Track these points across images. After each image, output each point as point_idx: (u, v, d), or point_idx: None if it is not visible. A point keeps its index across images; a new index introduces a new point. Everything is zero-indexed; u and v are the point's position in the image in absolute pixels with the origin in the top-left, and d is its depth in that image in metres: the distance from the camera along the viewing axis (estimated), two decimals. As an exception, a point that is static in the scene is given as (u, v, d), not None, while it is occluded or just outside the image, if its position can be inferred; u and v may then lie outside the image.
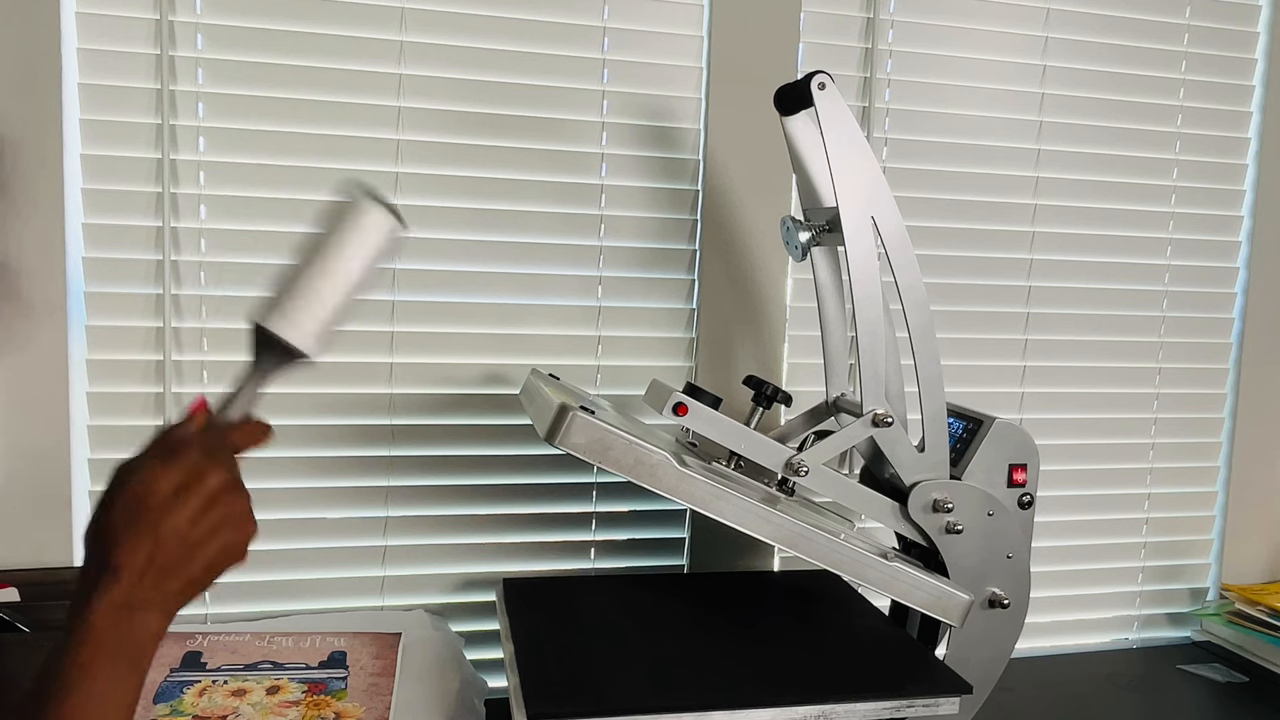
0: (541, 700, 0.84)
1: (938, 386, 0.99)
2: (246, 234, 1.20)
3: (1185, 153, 1.49)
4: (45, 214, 1.13)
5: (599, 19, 1.28)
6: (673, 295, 1.33)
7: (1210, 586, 1.56)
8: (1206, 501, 1.55)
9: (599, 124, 1.29)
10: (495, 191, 1.26)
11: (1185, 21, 1.48)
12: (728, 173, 1.32)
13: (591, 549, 1.33)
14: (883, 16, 1.35)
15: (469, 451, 1.28)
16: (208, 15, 1.17)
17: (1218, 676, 1.37)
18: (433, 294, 1.25)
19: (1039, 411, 1.46)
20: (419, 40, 1.23)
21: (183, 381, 1.19)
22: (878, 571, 0.93)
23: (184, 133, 1.17)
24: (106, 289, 1.16)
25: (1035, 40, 1.42)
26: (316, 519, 1.24)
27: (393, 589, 1.27)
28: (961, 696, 0.90)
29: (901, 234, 0.96)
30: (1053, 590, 1.48)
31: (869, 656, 0.97)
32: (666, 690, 0.87)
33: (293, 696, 1.02)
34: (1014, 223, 1.43)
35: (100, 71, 1.15)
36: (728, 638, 1.00)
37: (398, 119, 1.23)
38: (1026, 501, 1.04)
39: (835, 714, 0.87)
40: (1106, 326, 1.48)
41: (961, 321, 1.42)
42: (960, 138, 1.40)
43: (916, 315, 0.98)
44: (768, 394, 1.00)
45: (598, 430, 0.84)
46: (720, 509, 0.88)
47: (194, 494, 0.59)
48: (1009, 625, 1.03)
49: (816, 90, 0.93)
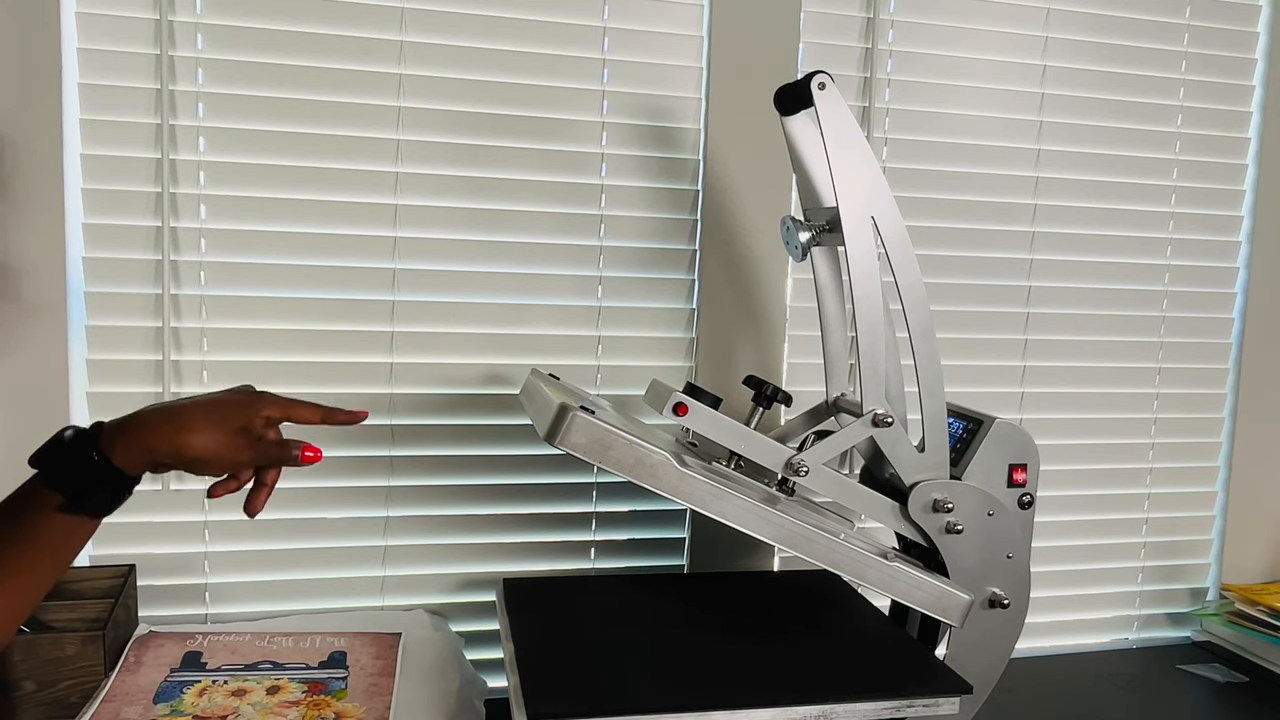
0: (541, 700, 0.84)
1: (938, 386, 0.99)
2: (246, 234, 1.20)
3: (1185, 153, 1.49)
4: (45, 214, 1.13)
5: (599, 19, 1.28)
6: (673, 295, 1.33)
7: (1210, 586, 1.56)
8: (1206, 501, 1.55)
9: (599, 124, 1.29)
10: (495, 191, 1.26)
11: (1185, 21, 1.48)
12: (728, 173, 1.32)
13: (591, 549, 1.33)
14: (883, 16, 1.35)
15: (469, 451, 1.28)
16: (208, 15, 1.17)
17: (1218, 676, 1.37)
18: (433, 294, 1.25)
19: (1039, 411, 1.46)
20: (419, 40, 1.23)
21: (182, 382, 1.19)
22: (878, 571, 0.93)
23: (184, 133, 1.17)
24: (106, 289, 1.16)
25: (1035, 40, 1.42)
26: (316, 519, 1.24)
27: (393, 589, 1.27)
28: (961, 696, 0.90)
29: (901, 234, 0.96)
30: (1053, 590, 1.48)
31: (869, 656, 0.97)
32: (666, 690, 0.87)
33: (293, 696, 1.02)
34: (1014, 223, 1.43)
35: (100, 71, 1.15)
36: (728, 638, 1.00)
37: (398, 119, 1.23)
38: (1026, 501, 1.04)
39: (835, 714, 0.87)
40: (1106, 326, 1.48)
41: (961, 321, 1.42)
42: (960, 138, 1.40)
43: (916, 315, 0.98)
44: (768, 394, 1.00)
45: (598, 430, 0.84)
46: (720, 509, 0.88)
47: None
48: (1009, 625, 1.03)
49: (816, 90, 0.93)
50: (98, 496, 0.63)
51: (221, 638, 1.12)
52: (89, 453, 0.63)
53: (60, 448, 0.64)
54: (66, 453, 0.63)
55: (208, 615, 1.22)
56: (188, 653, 1.08)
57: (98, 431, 0.65)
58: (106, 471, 0.63)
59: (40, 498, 0.62)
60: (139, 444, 0.64)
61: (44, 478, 0.63)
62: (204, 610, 1.22)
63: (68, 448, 0.64)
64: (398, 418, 1.25)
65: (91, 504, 0.63)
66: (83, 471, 0.63)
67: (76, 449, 0.64)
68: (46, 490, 0.62)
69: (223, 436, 0.66)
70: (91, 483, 0.63)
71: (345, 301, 1.23)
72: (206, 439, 0.65)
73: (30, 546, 0.61)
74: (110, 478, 0.63)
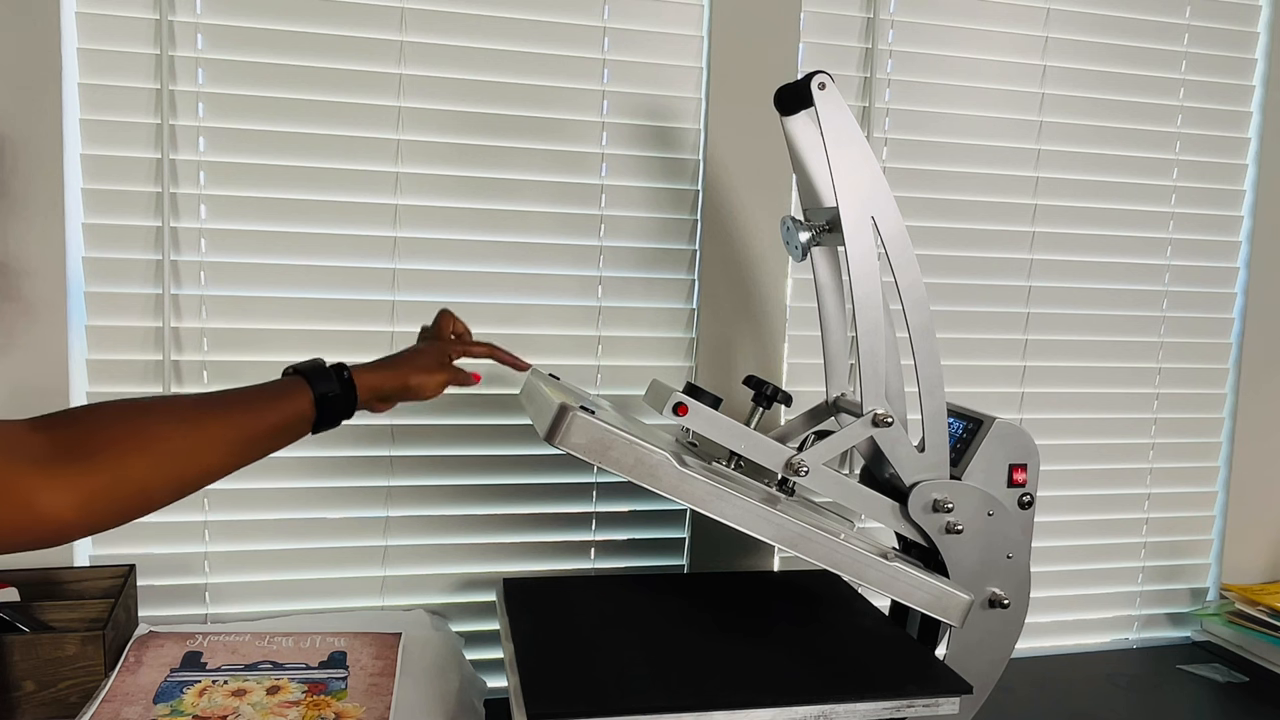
0: (541, 700, 0.84)
1: (938, 386, 0.99)
2: (246, 234, 1.20)
3: (1185, 153, 1.50)
4: (45, 214, 1.13)
5: (599, 19, 1.28)
6: (673, 295, 1.33)
7: (1210, 586, 1.56)
8: (1206, 501, 1.55)
9: (599, 124, 1.29)
10: (495, 191, 1.26)
11: (1185, 21, 1.48)
12: (728, 173, 1.32)
13: (591, 549, 1.33)
14: (883, 16, 1.35)
15: (469, 451, 1.28)
16: (208, 15, 1.17)
17: (1218, 676, 1.37)
18: (433, 294, 1.25)
19: (1039, 411, 1.46)
20: (419, 40, 1.23)
21: (182, 381, 1.19)
22: (878, 571, 0.93)
23: (184, 133, 1.17)
24: (106, 289, 1.16)
25: (1035, 40, 1.42)
26: (317, 519, 1.24)
27: (393, 589, 1.27)
28: (961, 696, 0.90)
29: (901, 234, 0.96)
30: (1053, 590, 1.48)
31: (869, 656, 0.97)
32: (666, 690, 0.87)
33: (293, 696, 1.02)
34: (1014, 223, 1.43)
35: (100, 71, 1.15)
36: (728, 638, 1.00)
37: (398, 119, 1.23)
38: (1026, 501, 1.04)
39: (835, 714, 0.87)
40: (1106, 327, 1.48)
41: (961, 321, 1.42)
42: (960, 138, 1.40)
43: (916, 315, 0.98)
44: (768, 394, 1.00)
45: (598, 430, 0.84)
46: (720, 509, 0.88)
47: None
48: (1009, 625, 1.03)
49: (816, 90, 0.93)
50: (336, 406, 0.80)
51: (221, 638, 1.12)
52: (342, 372, 0.82)
53: (320, 365, 0.82)
54: (326, 368, 0.81)
55: (208, 615, 1.22)
56: (188, 653, 1.08)
57: (342, 365, 0.84)
58: (350, 391, 0.82)
59: (293, 391, 0.78)
60: (372, 381, 0.85)
61: (307, 379, 0.79)
62: (204, 610, 1.22)
63: (327, 367, 0.82)
64: (398, 418, 1.25)
65: (329, 410, 0.80)
66: (335, 383, 0.81)
67: (335, 369, 0.82)
68: (301, 389, 0.78)
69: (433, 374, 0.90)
70: (339, 395, 0.80)
71: (345, 301, 1.23)
72: (420, 376, 0.89)
73: (268, 427, 0.75)
74: (349, 395, 0.82)
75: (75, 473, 0.61)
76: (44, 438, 0.63)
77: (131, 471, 0.64)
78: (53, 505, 0.59)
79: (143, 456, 0.65)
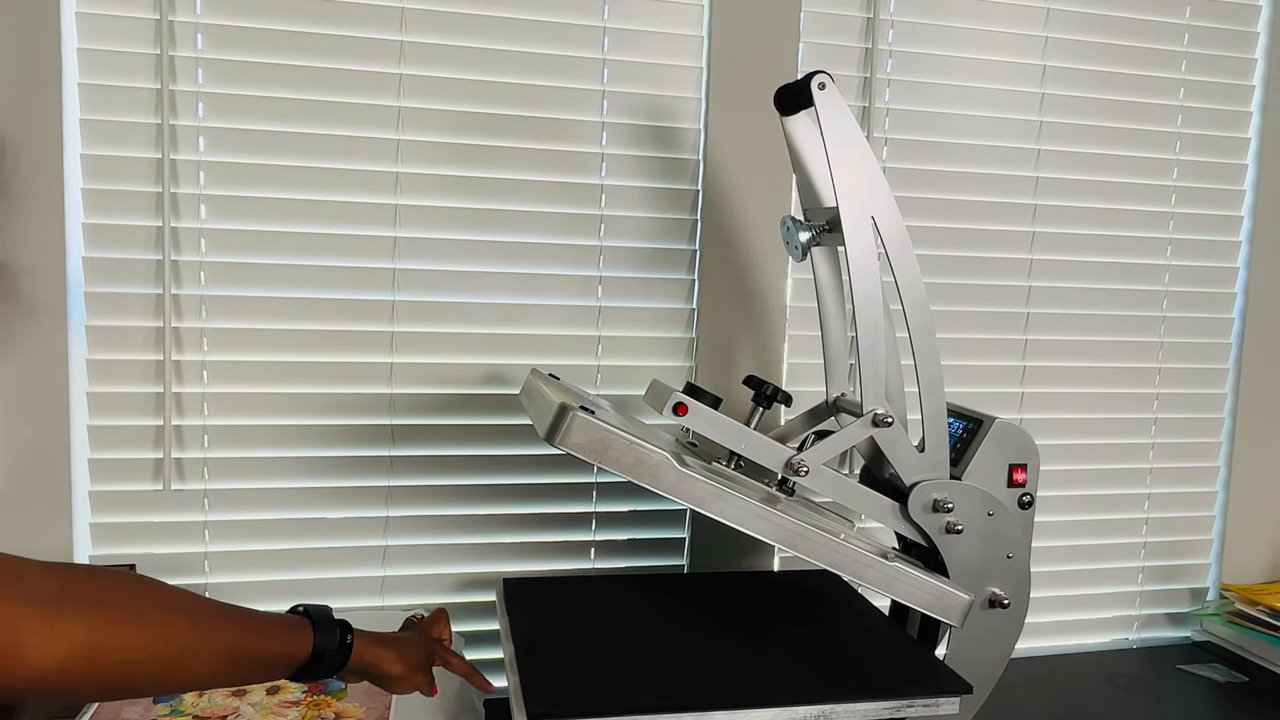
0: (541, 700, 0.84)
1: (938, 386, 0.99)
2: (247, 234, 1.20)
3: (1185, 153, 1.50)
4: (45, 214, 1.13)
5: (599, 19, 1.28)
6: (673, 295, 1.33)
7: (1210, 586, 1.56)
8: (1206, 501, 1.55)
9: (599, 124, 1.29)
10: (495, 191, 1.26)
11: (1185, 21, 1.48)
12: (728, 173, 1.32)
13: (591, 549, 1.33)
14: (883, 16, 1.35)
15: (469, 451, 1.28)
16: (208, 15, 1.17)
17: (1218, 676, 1.37)
18: (433, 294, 1.25)
19: (1039, 411, 1.46)
20: (419, 40, 1.23)
21: (182, 382, 1.19)
22: (878, 571, 0.93)
23: (184, 133, 1.17)
24: (106, 289, 1.16)
25: (1035, 40, 1.42)
26: (317, 519, 1.24)
27: (393, 589, 1.27)
28: (961, 696, 0.90)
29: (901, 234, 0.96)
30: (1053, 590, 1.48)
31: (869, 656, 0.97)
32: (666, 690, 0.87)
33: (293, 696, 1.02)
34: (1014, 223, 1.43)
35: (100, 71, 1.15)
36: (728, 638, 1.00)
37: (398, 119, 1.23)
38: (1026, 501, 1.04)
39: (835, 714, 0.87)
40: (1106, 326, 1.48)
41: (961, 321, 1.42)
42: (960, 138, 1.40)
43: (916, 315, 0.98)
44: (768, 394, 1.00)
45: (598, 430, 0.84)
46: (720, 509, 0.88)
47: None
48: (1009, 625, 1.03)
49: (816, 90, 0.93)
50: (325, 663, 0.78)
51: (221, 638, 1.11)
52: (345, 636, 0.80)
53: (327, 616, 0.80)
54: (332, 621, 0.79)
55: (208, 615, 1.21)
56: (188, 653, 1.08)
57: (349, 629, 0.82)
58: (344, 655, 0.80)
59: (297, 631, 0.76)
60: (366, 657, 0.82)
61: (313, 625, 0.77)
62: (204, 610, 1.21)
63: (335, 621, 0.80)
64: (398, 418, 1.25)
65: (317, 664, 0.77)
66: (335, 641, 0.78)
67: (340, 626, 0.80)
68: (304, 633, 0.76)
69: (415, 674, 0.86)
70: (335, 650, 0.78)
71: (345, 301, 1.23)
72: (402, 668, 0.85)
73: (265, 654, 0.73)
74: (341, 659, 0.79)
75: (72, 621, 0.60)
76: (55, 581, 0.62)
77: (120, 640, 0.62)
78: (40, 652, 0.58)
79: (138, 631, 0.63)
